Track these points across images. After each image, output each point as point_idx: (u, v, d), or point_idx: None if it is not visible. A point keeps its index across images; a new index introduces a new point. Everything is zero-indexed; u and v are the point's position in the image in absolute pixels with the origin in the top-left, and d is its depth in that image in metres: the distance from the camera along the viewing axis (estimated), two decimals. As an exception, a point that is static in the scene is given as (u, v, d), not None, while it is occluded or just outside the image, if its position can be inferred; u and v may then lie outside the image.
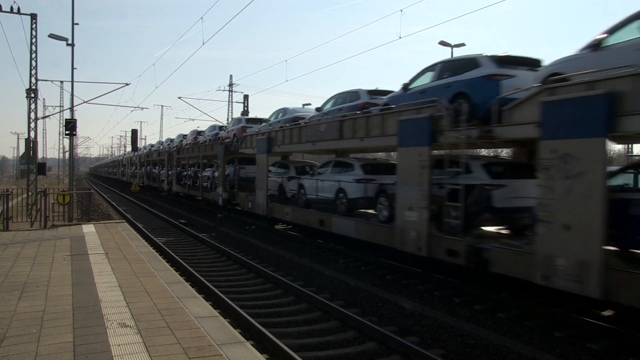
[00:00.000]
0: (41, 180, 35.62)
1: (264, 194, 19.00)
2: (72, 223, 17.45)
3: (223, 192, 23.07)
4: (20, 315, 6.16)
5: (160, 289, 7.67)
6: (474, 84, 10.26)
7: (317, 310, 9.07)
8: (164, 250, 14.28)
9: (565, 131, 7.88)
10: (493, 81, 10.04)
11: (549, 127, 8.12)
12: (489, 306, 9.28)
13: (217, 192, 23.70)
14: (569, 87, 8.01)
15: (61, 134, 58.52)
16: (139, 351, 5.08)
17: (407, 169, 11.18)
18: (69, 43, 21.08)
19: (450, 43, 27.97)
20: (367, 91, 14.96)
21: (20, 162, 47.26)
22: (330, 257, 14.28)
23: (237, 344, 5.45)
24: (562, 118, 8.01)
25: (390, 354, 7.07)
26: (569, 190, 7.76)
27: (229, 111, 48.18)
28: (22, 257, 10.00)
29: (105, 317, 6.16)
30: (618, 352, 7.23)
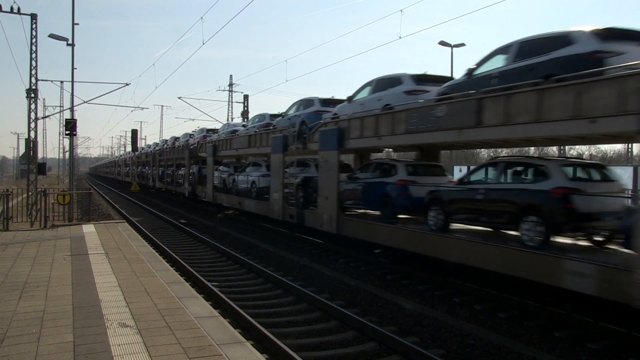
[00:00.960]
0: (41, 180, 35.60)
1: (211, 186, 26.10)
2: (72, 223, 17.45)
3: (188, 186, 30.16)
4: (20, 315, 6.16)
5: (160, 289, 7.67)
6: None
7: (317, 310, 9.07)
8: (164, 250, 14.28)
9: (325, 146, 14.97)
10: (318, 114, 16.56)
11: (323, 144, 15.11)
12: (489, 306, 9.29)
13: (185, 187, 30.73)
14: (327, 122, 15.44)
15: (61, 134, 58.59)
16: (139, 351, 5.08)
17: (274, 167, 18.69)
18: (69, 43, 21.07)
19: (450, 43, 28.00)
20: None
21: (20, 162, 47.29)
22: (330, 257, 14.28)
23: (237, 344, 5.45)
24: (325, 139, 14.98)
25: (390, 354, 7.07)
26: (326, 178, 14.83)
27: (229, 111, 48.24)
28: (22, 257, 10.00)
29: (105, 317, 6.16)
30: (618, 352, 7.23)
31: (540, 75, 8.72)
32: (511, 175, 9.90)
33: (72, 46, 21.04)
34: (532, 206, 8.88)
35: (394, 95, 12.66)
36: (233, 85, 47.88)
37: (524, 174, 9.74)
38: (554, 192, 8.48)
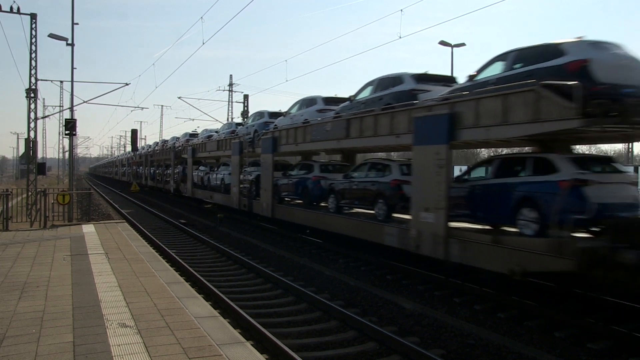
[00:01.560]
0: (41, 180, 35.59)
1: (190, 183, 30.11)
2: (72, 223, 17.45)
3: (173, 184, 34.24)
4: (20, 316, 6.16)
5: (160, 289, 7.66)
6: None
7: (317, 310, 9.07)
8: (164, 250, 14.28)
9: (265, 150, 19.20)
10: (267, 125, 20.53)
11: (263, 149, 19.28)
12: (489, 306, 9.28)
13: (171, 184, 34.97)
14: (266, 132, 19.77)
15: (61, 134, 58.55)
16: (139, 351, 5.08)
17: (233, 167, 22.89)
18: (69, 43, 21.07)
19: (451, 43, 27.98)
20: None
21: (20, 162, 47.28)
22: (330, 257, 14.28)
23: (237, 344, 5.44)
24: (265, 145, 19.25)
25: (390, 354, 7.07)
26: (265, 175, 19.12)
27: (229, 111, 48.25)
28: (22, 257, 10.00)
29: (105, 317, 6.16)
30: (618, 352, 7.23)
31: (385, 103, 12.89)
32: (373, 171, 13.87)
33: (71, 46, 21.05)
34: (380, 193, 13.05)
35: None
36: (233, 85, 47.89)
37: (377, 170, 13.69)
38: (391, 182, 12.73)
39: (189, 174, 31.52)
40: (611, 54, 8.47)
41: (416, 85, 12.34)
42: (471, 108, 9.70)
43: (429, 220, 10.44)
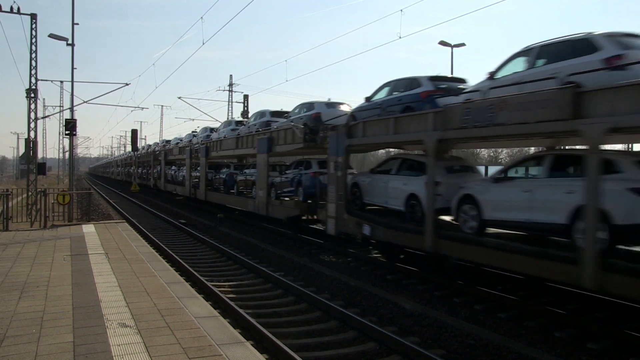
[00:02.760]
0: (41, 180, 35.59)
1: (163, 180, 36.63)
2: (72, 223, 17.45)
3: (152, 181, 40.98)
4: (20, 316, 6.16)
5: (160, 289, 7.66)
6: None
7: (317, 310, 9.07)
8: (164, 250, 14.28)
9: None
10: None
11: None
12: (489, 306, 9.28)
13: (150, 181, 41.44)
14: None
15: (61, 134, 58.59)
16: (139, 351, 5.08)
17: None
18: (69, 43, 21.07)
19: (450, 43, 27.99)
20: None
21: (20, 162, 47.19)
22: (330, 257, 14.27)
23: (237, 344, 5.44)
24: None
25: (391, 354, 7.07)
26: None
27: (229, 111, 48.23)
28: (22, 257, 10.00)
29: (105, 317, 6.16)
30: (618, 352, 7.23)
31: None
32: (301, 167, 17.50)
33: (72, 46, 21.05)
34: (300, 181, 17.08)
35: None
36: (233, 85, 47.88)
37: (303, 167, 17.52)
38: (312, 174, 16.76)
39: (162, 172, 35.32)
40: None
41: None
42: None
43: (260, 195, 19.42)
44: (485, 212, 9.53)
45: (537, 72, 8.95)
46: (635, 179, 7.33)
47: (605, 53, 7.92)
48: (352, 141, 13.56)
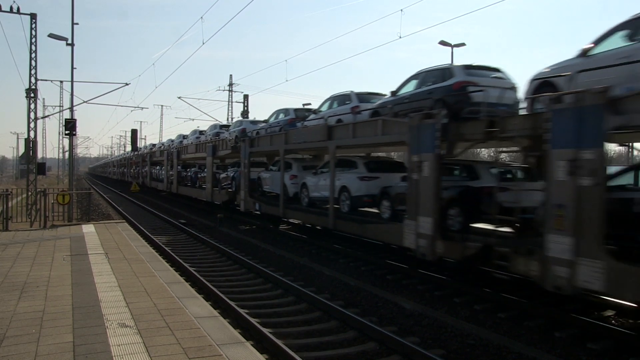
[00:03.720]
0: (41, 180, 35.59)
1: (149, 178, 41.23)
2: (71, 223, 17.45)
3: (141, 179, 44.33)
4: (20, 316, 6.16)
5: (160, 289, 7.66)
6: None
7: (317, 311, 9.06)
8: (164, 250, 14.27)
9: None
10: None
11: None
12: (489, 306, 9.28)
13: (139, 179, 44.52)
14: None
15: (61, 134, 58.61)
16: (139, 351, 5.08)
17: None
18: (69, 43, 21.08)
19: (451, 43, 27.98)
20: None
21: (20, 162, 47.24)
22: (330, 257, 14.27)
23: (237, 344, 5.44)
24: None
25: (391, 354, 7.06)
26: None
27: (228, 111, 48.22)
28: (21, 257, 9.99)
29: (105, 317, 6.16)
30: (618, 352, 7.23)
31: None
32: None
33: (71, 46, 21.06)
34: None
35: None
36: (233, 85, 47.85)
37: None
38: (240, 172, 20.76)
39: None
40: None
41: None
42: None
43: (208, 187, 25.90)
44: (310, 192, 16.21)
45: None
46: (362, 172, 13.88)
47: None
48: (252, 149, 20.29)
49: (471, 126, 9.91)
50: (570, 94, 7.65)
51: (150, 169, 42.09)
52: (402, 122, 11.54)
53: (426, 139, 10.52)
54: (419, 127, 10.72)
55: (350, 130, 13.91)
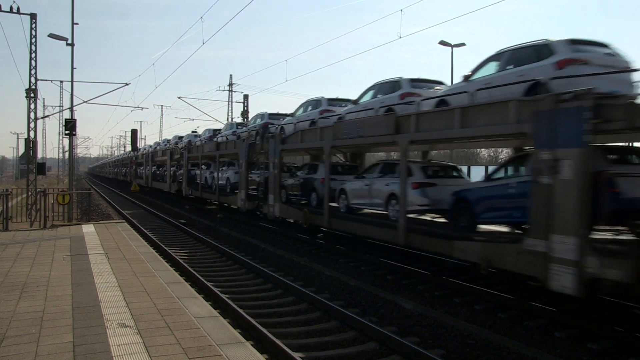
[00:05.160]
0: (41, 180, 35.59)
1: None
2: (71, 223, 17.45)
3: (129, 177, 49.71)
4: (20, 316, 6.16)
5: (160, 289, 7.66)
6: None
7: (317, 311, 9.06)
8: (164, 251, 14.27)
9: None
10: None
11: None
12: (489, 306, 9.28)
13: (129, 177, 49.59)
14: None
15: (61, 133, 58.61)
16: (139, 351, 5.08)
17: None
18: (69, 43, 21.07)
19: (451, 43, 28.01)
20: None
21: (19, 162, 47.25)
22: (330, 257, 14.27)
23: (237, 344, 5.44)
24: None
25: (391, 354, 7.06)
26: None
27: (228, 111, 48.25)
28: (21, 257, 9.99)
29: (105, 317, 6.16)
30: (618, 352, 7.22)
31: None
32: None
33: (71, 46, 21.05)
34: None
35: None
36: (233, 85, 47.87)
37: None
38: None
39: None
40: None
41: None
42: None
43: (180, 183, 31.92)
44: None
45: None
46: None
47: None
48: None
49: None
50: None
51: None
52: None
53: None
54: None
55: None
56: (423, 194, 11.81)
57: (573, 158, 7.74)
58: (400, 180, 11.82)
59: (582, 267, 7.46)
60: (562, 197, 7.88)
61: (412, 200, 11.80)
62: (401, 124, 11.78)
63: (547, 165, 8.14)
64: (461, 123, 10.03)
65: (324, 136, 15.35)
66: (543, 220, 8.15)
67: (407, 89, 12.90)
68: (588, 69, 8.46)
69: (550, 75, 8.76)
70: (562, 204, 7.88)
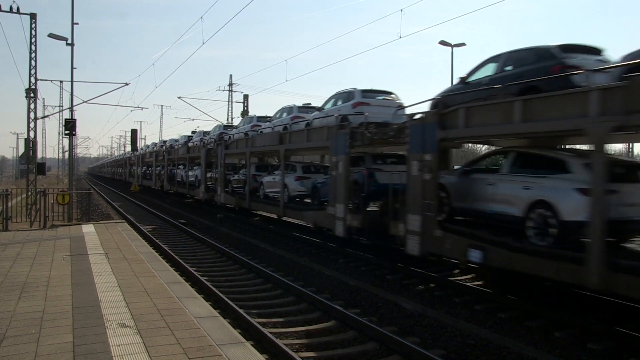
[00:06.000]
0: (41, 180, 35.59)
1: (129, 175, 50.14)
2: (71, 223, 17.45)
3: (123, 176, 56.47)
4: (20, 316, 6.15)
5: (160, 289, 7.66)
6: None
7: (317, 311, 9.06)
8: (164, 251, 14.27)
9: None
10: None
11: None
12: (489, 306, 9.27)
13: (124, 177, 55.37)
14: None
15: (61, 133, 58.57)
16: (139, 351, 5.07)
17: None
18: (69, 43, 21.08)
19: (451, 43, 28.02)
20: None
21: (19, 162, 47.30)
22: (330, 257, 14.27)
23: (237, 344, 5.44)
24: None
25: (391, 354, 7.06)
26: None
27: (228, 111, 48.25)
28: (21, 257, 9.99)
29: (105, 317, 6.16)
30: (618, 352, 7.22)
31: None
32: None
33: (71, 46, 21.06)
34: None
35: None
36: (233, 85, 47.86)
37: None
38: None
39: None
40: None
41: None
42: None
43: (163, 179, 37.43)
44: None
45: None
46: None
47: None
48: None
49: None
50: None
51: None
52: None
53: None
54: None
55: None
56: (301, 184, 17.90)
57: (342, 160, 13.80)
58: (286, 175, 18.18)
59: (345, 220, 13.60)
60: (338, 183, 13.95)
61: (293, 188, 18.05)
62: (283, 137, 18.15)
63: (333, 164, 14.34)
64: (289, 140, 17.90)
65: (247, 144, 21.41)
66: (332, 197, 14.32)
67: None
68: (369, 108, 14.60)
69: (350, 112, 14.83)
70: (337, 187, 13.99)
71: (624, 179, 8.07)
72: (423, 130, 10.68)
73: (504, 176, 9.48)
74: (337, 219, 13.72)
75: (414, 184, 10.81)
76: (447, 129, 10.16)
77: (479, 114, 9.60)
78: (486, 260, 9.10)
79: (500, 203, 9.35)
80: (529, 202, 8.61)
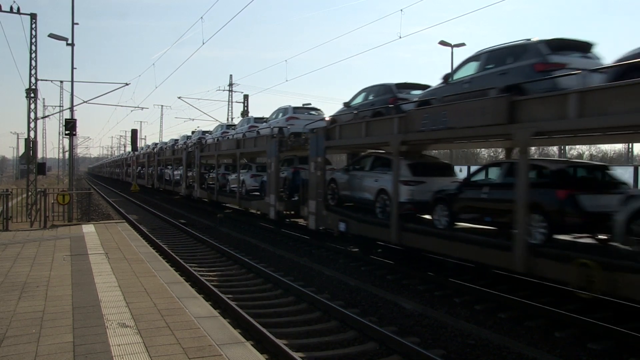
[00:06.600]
0: (41, 180, 35.62)
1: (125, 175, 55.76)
2: (71, 223, 17.45)
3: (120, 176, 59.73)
4: (20, 316, 6.16)
5: (160, 289, 7.66)
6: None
7: (317, 311, 9.06)
8: (164, 251, 14.27)
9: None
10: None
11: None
12: (489, 306, 9.27)
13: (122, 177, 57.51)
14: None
15: (61, 134, 58.64)
16: (139, 351, 5.08)
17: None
18: (69, 43, 21.08)
19: (451, 43, 28.04)
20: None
21: (20, 162, 47.36)
22: (330, 257, 14.27)
23: (237, 344, 5.44)
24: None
25: (391, 354, 7.06)
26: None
27: (229, 111, 48.29)
28: (21, 257, 9.99)
29: (105, 317, 6.16)
30: (618, 352, 7.22)
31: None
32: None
33: (71, 46, 21.06)
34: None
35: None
36: (233, 85, 47.89)
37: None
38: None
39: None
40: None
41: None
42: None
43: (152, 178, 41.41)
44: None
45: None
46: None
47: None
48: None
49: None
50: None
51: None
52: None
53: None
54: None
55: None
56: (255, 181, 21.36)
57: (274, 161, 17.79)
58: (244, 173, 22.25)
59: (276, 206, 17.54)
60: (271, 178, 18.06)
61: (248, 183, 21.80)
62: (239, 143, 22.43)
63: (268, 164, 18.28)
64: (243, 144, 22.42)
65: (216, 148, 25.67)
66: (268, 189, 18.19)
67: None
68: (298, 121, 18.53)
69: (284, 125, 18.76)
70: (270, 182, 18.10)
71: (430, 174, 12.09)
72: (317, 140, 15.13)
73: (365, 173, 13.61)
74: (271, 206, 17.98)
75: (311, 178, 15.45)
76: (329, 140, 14.69)
77: (347, 130, 14.11)
78: (348, 229, 13.41)
79: (363, 191, 13.50)
80: (377, 190, 12.73)
